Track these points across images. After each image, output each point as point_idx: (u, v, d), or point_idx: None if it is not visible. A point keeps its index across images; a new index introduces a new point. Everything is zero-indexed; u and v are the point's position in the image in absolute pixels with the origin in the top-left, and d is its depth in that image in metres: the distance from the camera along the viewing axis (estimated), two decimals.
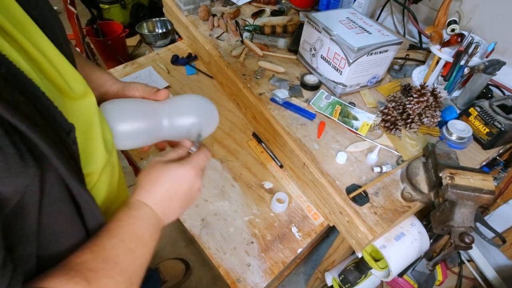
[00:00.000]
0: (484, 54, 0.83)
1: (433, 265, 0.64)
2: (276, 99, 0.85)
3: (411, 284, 0.95)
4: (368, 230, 0.64)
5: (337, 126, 0.83)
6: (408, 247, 0.72)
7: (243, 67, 0.97)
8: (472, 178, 0.60)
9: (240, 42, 1.06)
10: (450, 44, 0.84)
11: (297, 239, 0.77)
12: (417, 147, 0.78)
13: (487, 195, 0.58)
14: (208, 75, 1.13)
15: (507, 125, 0.74)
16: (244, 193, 0.83)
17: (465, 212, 0.59)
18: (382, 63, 0.86)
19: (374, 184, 0.70)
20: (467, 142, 0.79)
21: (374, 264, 0.77)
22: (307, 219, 0.80)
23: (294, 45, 1.02)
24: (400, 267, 0.73)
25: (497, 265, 1.18)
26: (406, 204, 0.68)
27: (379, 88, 0.94)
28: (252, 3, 1.25)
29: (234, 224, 0.78)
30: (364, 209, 0.67)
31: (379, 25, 0.87)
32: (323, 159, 0.75)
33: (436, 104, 0.79)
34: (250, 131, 0.96)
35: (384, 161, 0.75)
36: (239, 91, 0.94)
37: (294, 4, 1.23)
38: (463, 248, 0.57)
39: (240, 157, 0.91)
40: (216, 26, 1.11)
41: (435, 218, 0.64)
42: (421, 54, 1.07)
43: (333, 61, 0.85)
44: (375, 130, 0.82)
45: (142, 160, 0.90)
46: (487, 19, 0.93)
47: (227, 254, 0.73)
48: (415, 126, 0.79)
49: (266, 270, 0.71)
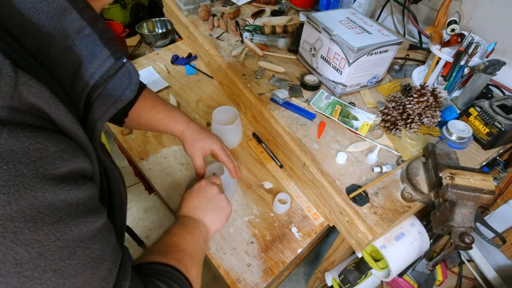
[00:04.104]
0: (484, 54, 0.83)
1: (433, 265, 0.64)
2: (276, 99, 0.85)
3: (411, 284, 0.95)
4: (368, 230, 0.64)
5: (337, 126, 0.83)
6: (408, 247, 0.72)
7: (243, 67, 0.97)
8: (472, 178, 0.60)
9: (240, 42, 1.06)
10: (450, 44, 0.84)
11: (297, 239, 0.77)
12: (417, 147, 0.78)
13: (487, 195, 0.58)
14: (208, 75, 1.13)
15: (507, 125, 0.74)
16: (244, 193, 0.83)
17: (465, 212, 0.59)
18: (382, 63, 0.86)
19: (374, 184, 0.70)
20: (467, 142, 0.79)
21: (374, 264, 0.77)
22: (307, 219, 0.80)
23: (294, 45, 1.02)
24: (400, 267, 0.73)
25: (497, 265, 1.18)
26: (406, 204, 0.68)
27: (379, 88, 0.94)
28: (252, 3, 1.25)
29: (234, 224, 0.78)
30: (364, 209, 0.67)
31: (379, 25, 0.87)
32: (323, 159, 0.75)
33: (436, 104, 0.79)
34: (250, 131, 0.96)
35: (384, 161, 0.75)
36: (239, 91, 0.94)
37: (294, 4, 1.23)
38: (463, 248, 0.57)
39: (240, 157, 0.91)
40: (216, 26, 1.11)
41: (435, 218, 0.64)
42: (421, 54, 1.07)
43: (333, 61, 0.85)
44: (375, 130, 0.82)
45: (142, 160, 0.89)
46: (487, 19, 0.93)
47: (227, 254, 0.73)
48: (415, 126, 0.79)
49: (266, 270, 0.71)
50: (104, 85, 0.30)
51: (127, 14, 2.29)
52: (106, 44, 0.29)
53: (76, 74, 0.29)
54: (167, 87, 1.08)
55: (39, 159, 0.24)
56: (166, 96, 1.05)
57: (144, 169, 0.88)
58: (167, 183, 0.85)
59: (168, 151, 0.92)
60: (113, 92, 0.31)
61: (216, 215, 0.63)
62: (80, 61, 0.28)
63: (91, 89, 0.30)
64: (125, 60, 0.31)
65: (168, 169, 0.87)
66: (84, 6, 0.27)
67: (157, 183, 0.85)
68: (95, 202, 0.31)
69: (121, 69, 0.31)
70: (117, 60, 0.30)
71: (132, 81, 0.32)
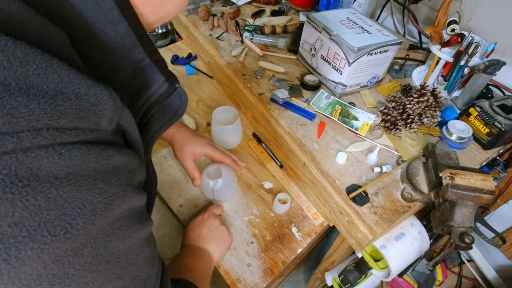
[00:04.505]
0: (484, 54, 0.83)
1: (433, 265, 0.64)
2: (276, 99, 0.85)
3: (411, 284, 0.95)
4: (368, 230, 0.64)
5: (337, 126, 0.83)
6: (408, 247, 0.72)
7: (243, 67, 0.97)
8: (472, 178, 0.60)
9: (240, 42, 1.06)
10: (450, 44, 0.84)
11: (297, 239, 0.77)
12: (417, 147, 0.78)
13: (487, 195, 0.58)
14: (208, 75, 1.13)
15: (507, 125, 0.74)
16: (244, 193, 0.83)
17: (465, 212, 0.59)
18: (382, 63, 0.86)
19: (374, 184, 0.70)
20: (467, 142, 0.79)
21: (374, 264, 0.77)
22: (307, 219, 0.80)
23: (294, 45, 1.02)
24: (400, 267, 0.73)
25: (497, 265, 1.18)
26: (406, 204, 0.68)
27: (379, 88, 0.94)
28: (252, 3, 1.25)
29: (234, 224, 0.78)
30: (364, 209, 0.67)
31: (379, 25, 0.87)
32: (323, 159, 0.75)
33: (436, 104, 0.79)
34: (250, 131, 0.96)
35: (384, 161, 0.75)
36: (239, 91, 0.94)
37: (294, 4, 1.23)
38: (463, 248, 0.57)
39: (240, 157, 0.91)
40: (216, 26, 1.11)
41: (435, 218, 0.64)
42: (421, 54, 1.07)
43: (333, 61, 0.85)
44: (375, 130, 0.82)
45: None
46: (487, 19, 0.93)
47: (227, 254, 0.73)
48: (415, 126, 0.79)
49: (266, 270, 0.71)
50: (162, 104, 0.36)
51: None
52: (162, 72, 0.35)
53: (134, 95, 0.34)
54: None
55: (130, 172, 0.30)
56: None
57: None
58: (167, 183, 0.85)
59: (168, 151, 0.91)
60: (168, 111, 0.37)
61: (218, 245, 0.67)
62: (141, 84, 0.34)
63: (149, 107, 0.36)
64: (178, 85, 0.37)
65: (168, 169, 0.87)
66: (146, 42, 0.32)
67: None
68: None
69: (174, 92, 0.37)
70: (171, 85, 0.36)
71: (183, 101, 0.38)
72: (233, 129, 0.86)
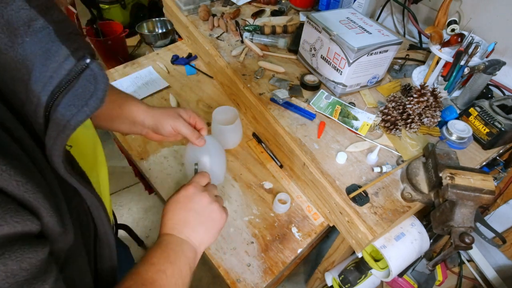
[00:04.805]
0: (484, 54, 0.83)
1: (433, 265, 0.64)
2: (276, 99, 0.85)
3: (411, 284, 0.95)
4: (368, 230, 0.64)
5: (337, 126, 0.83)
6: (408, 247, 0.72)
7: (243, 67, 0.97)
8: (472, 178, 0.60)
9: (240, 42, 1.06)
10: (450, 44, 0.84)
11: (297, 239, 0.77)
12: (417, 147, 0.78)
13: (487, 195, 0.58)
14: (208, 75, 1.13)
15: (507, 125, 0.74)
16: (244, 193, 0.83)
17: (465, 212, 0.59)
18: (382, 63, 0.86)
19: (374, 184, 0.70)
20: (467, 142, 0.79)
21: (374, 264, 0.77)
22: (307, 219, 0.80)
23: (294, 45, 1.02)
24: (400, 267, 0.73)
25: (497, 265, 1.18)
26: (406, 204, 0.68)
27: (379, 88, 0.94)
28: (252, 3, 1.25)
29: (234, 224, 0.78)
30: (364, 209, 0.67)
31: (379, 25, 0.87)
32: (323, 159, 0.75)
33: (436, 104, 0.79)
34: (250, 131, 0.96)
35: (384, 161, 0.75)
36: (239, 91, 0.94)
37: (294, 4, 1.23)
38: (463, 248, 0.57)
39: (240, 157, 0.91)
40: (216, 26, 1.11)
41: (435, 218, 0.64)
42: (421, 54, 1.07)
43: (333, 61, 0.85)
44: (375, 130, 0.82)
45: (142, 160, 0.89)
46: (487, 19, 0.93)
47: (227, 254, 0.73)
48: (415, 126, 0.79)
49: (266, 270, 0.71)
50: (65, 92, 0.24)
51: (127, 14, 2.29)
52: (65, 40, 0.23)
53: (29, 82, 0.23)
54: (167, 87, 1.08)
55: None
56: (166, 96, 1.05)
57: (144, 169, 0.88)
58: (167, 183, 0.85)
59: (168, 151, 0.92)
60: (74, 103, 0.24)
61: (207, 231, 0.51)
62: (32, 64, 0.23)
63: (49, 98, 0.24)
64: (89, 60, 0.24)
65: (168, 169, 0.87)
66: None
67: (157, 183, 0.85)
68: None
69: (84, 72, 0.24)
70: (79, 61, 0.24)
71: (99, 87, 0.24)
72: (233, 129, 0.86)
